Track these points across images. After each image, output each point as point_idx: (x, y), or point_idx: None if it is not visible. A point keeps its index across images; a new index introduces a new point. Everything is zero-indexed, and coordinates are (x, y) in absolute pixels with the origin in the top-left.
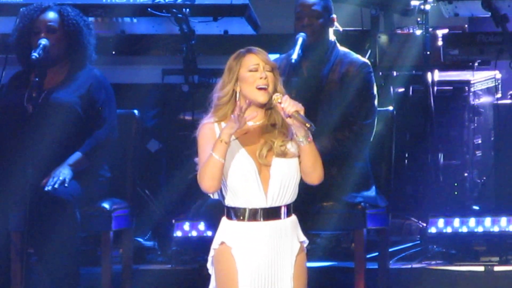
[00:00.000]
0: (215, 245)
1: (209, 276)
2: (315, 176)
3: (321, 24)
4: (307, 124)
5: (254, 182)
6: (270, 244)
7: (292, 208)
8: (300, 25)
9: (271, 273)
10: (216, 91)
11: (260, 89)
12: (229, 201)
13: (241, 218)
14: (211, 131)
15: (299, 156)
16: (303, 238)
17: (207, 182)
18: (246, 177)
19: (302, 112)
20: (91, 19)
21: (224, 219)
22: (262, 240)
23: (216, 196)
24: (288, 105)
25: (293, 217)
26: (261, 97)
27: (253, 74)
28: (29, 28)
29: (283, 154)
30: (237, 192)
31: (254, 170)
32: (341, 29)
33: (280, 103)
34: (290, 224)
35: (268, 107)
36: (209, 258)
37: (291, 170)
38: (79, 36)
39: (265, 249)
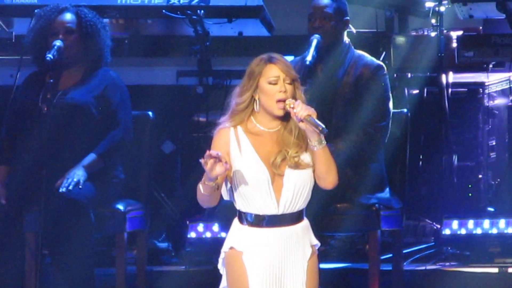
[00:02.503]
0: (225, 248)
1: (221, 277)
2: (329, 181)
3: (332, 26)
4: (319, 128)
5: (266, 191)
6: (281, 250)
7: (304, 212)
8: (312, 27)
9: (282, 279)
10: (235, 95)
11: (279, 101)
12: (240, 206)
13: (252, 224)
14: (225, 137)
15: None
16: (315, 241)
17: (202, 204)
18: (259, 186)
19: (314, 116)
20: (106, 20)
21: (235, 222)
22: (273, 247)
23: (227, 198)
24: (300, 110)
25: (305, 222)
26: (279, 111)
27: (273, 87)
28: (46, 29)
29: (296, 166)
30: (248, 199)
31: (267, 178)
32: (354, 30)
33: (292, 108)
34: (301, 230)
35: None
36: (220, 260)
37: (304, 180)
38: (97, 37)
39: (276, 256)
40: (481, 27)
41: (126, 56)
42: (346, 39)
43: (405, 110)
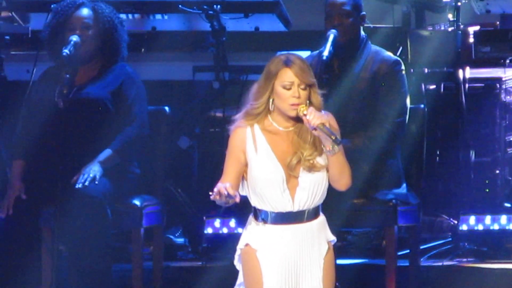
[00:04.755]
0: (240, 245)
1: (238, 272)
2: (342, 183)
3: (351, 23)
4: (332, 137)
5: (281, 190)
6: (297, 247)
7: (321, 208)
8: (330, 25)
9: (298, 276)
10: (252, 96)
11: (293, 105)
12: (256, 203)
13: (267, 221)
14: (241, 136)
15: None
16: (331, 237)
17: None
18: (273, 185)
19: (327, 124)
20: (122, 15)
21: (251, 218)
22: (288, 243)
23: (244, 193)
24: (313, 118)
25: (321, 218)
26: (293, 113)
27: (286, 92)
28: (63, 24)
29: (311, 168)
30: (263, 197)
31: (282, 178)
32: (371, 25)
33: (305, 115)
34: (317, 226)
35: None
36: (236, 256)
37: (319, 180)
38: (114, 33)
39: (292, 253)
40: (498, 22)
41: (142, 52)
42: (363, 34)
43: (422, 105)
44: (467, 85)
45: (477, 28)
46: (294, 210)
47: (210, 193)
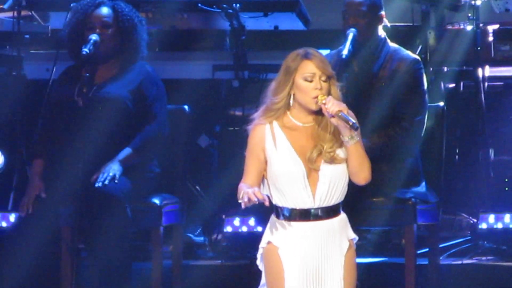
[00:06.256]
0: (263, 243)
1: (258, 272)
2: (362, 177)
3: (367, 23)
4: (349, 123)
5: (302, 185)
6: (318, 244)
7: (341, 206)
8: (346, 25)
9: (319, 273)
10: (271, 92)
11: (316, 97)
12: (277, 200)
13: (289, 218)
14: (260, 133)
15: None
16: (352, 235)
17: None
18: (294, 180)
19: (345, 112)
20: (141, 14)
21: (272, 217)
22: (309, 241)
23: (265, 192)
24: (332, 105)
25: (342, 216)
26: (315, 106)
27: (308, 84)
28: (82, 23)
29: (332, 160)
30: (284, 193)
31: (302, 173)
32: (389, 24)
33: (324, 104)
34: (338, 224)
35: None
36: (258, 256)
37: (339, 174)
38: (133, 32)
39: (313, 250)
40: None
41: (162, 51)
42: (381, 33)
43: (441, 104)
44: (486, 84)
45: (496, 26)
46: (314, 206)
47: (239, 200)
